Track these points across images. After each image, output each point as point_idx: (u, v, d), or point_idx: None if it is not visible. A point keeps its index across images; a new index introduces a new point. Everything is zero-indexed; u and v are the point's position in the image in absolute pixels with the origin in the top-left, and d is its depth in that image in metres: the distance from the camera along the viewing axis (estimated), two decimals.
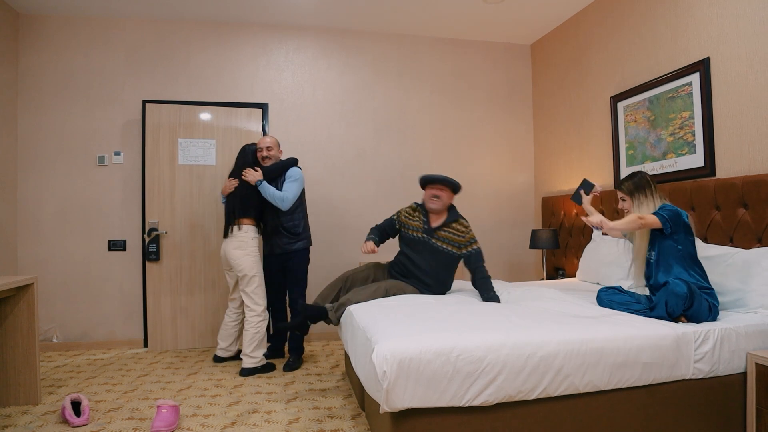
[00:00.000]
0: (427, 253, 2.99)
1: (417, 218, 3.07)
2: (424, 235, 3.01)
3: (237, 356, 3.62)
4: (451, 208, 3.09)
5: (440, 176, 3.01)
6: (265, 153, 3.52)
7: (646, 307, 2.37)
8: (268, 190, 3.37)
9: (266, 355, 3.53)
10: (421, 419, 1.85)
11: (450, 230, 2.99)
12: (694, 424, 2.10)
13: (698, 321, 2.22)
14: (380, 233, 3.14)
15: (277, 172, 3.48)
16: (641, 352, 2.00)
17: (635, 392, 2.03)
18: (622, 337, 2.01)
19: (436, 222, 3.03)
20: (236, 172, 3.47)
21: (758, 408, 2.05)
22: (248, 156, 3.49)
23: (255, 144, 3.57)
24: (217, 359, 3.61)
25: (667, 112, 3.23)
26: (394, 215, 3.20)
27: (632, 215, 2.37)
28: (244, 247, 3.34)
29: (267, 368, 3.36)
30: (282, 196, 3.38)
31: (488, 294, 2.86)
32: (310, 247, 3.67)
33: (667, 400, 2.06)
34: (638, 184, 2.51)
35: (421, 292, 2.95)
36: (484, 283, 2.90)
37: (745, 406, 2.15)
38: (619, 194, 2.59)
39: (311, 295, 4.32)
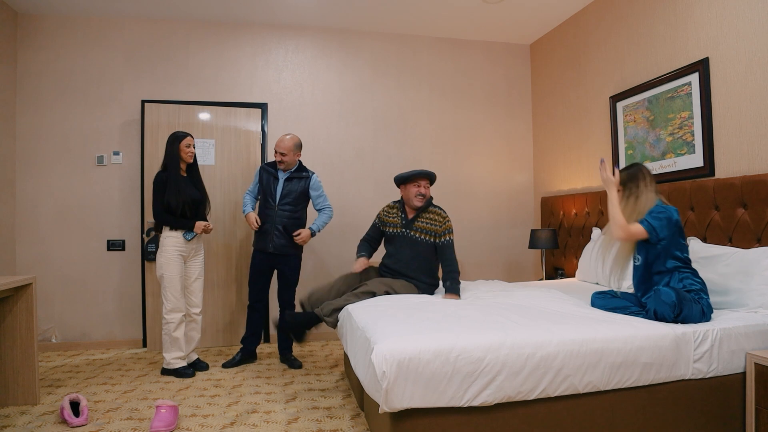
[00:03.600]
0: (408, 247, 3.04)
1: (395, 214, 3.14)
2: (403, 230, 3.07)
3: (198, 362, 3.44)
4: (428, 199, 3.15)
5: (419, 171, 3.04)
6: (278, 158, 3.44)
7: (642, 310, 2.36)
8: (322, 227, 3.55)
9: (237, 360, 3.47)
10: (421, 419, 1.84)
11: (425, 219, 3.04)
12: (694, 424, 2.10)
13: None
14: (368, 245, 3.25)
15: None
16: (641, 352, 2.00)
17: (635, 392, 2.03)
18: (621, 338, 2.01)
19: (412, 214, 3.09)
20: (169, 163, 3.24)
21: (757, 408, 2.05)
22: (174, 146, 3.25)
23: (184, 133, 3.30)
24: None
25: (667, 112, 3.23)
26: (375, 218, 3.27)
27: (622, 221, 2.29)
28: (161, 246, 3.27)
29: (179, 373, 3.23)
30: (330, 214, 3.58)
31: (453, 285, 2.91)
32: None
33: (666, 400, 2.07)
34: (632, 175, 2.41)
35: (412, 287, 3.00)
36: (452, 276, 2.94)
37: (744, 406, 2.15)
38: None
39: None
